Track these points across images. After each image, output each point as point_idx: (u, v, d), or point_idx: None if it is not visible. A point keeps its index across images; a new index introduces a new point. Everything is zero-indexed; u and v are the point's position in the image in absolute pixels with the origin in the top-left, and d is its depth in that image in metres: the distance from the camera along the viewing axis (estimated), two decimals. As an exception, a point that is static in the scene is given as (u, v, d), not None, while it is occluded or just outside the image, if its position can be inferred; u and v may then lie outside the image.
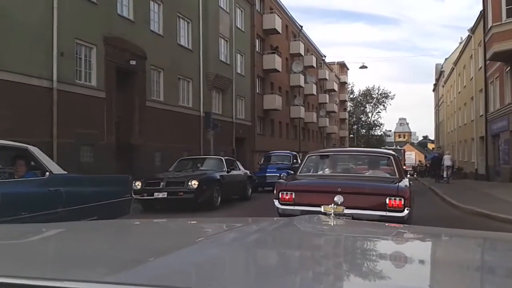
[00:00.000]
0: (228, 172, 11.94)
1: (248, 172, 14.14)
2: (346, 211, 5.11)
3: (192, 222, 2.31)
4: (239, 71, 29.63)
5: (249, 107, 31.48)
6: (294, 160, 18.37)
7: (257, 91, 33.32)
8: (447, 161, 25.11)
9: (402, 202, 5.53)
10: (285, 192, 6.09)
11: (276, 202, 6.13)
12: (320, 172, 7.17)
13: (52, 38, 14.49)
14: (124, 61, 17.62)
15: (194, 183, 10.19)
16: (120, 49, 17.40)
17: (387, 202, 5.57)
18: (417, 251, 1.48)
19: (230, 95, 27.98)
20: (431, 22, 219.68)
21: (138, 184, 10.42)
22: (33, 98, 13.50)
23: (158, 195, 10.16)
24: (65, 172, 5.72)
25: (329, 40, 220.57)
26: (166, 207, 10.33)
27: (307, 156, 7.54)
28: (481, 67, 27.74)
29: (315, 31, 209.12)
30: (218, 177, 11.30)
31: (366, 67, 35.92)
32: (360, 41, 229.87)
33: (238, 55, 29.51)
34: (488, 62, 25.00)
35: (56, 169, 5.54)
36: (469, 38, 31.47)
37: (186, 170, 11.87)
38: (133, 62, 17.68)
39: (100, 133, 16.40)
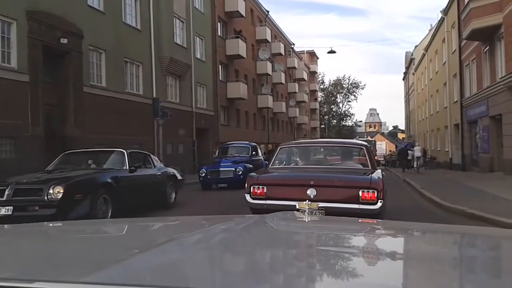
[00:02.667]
0: (131, 171, 8.47)
1: (171, 169, 10.60)
2: (319, 204, 5.24)
3: (168, 220, 2.40)
4: (198, 56, 27.23)
5: (211, 96, 29.16)
6: (253, 152, 16.05)
7: (220, 79, 30.99)
8: (417, 152, 26.27)
9: (375, 195, 5.41)
10: (256, 186, 5.86)
11: (248, 197, 5.92)
12: (292, 164, 7.00)
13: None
14: (54, 39, 15.07)
15: (58, 191, 6.67)
16: (47, 25, 14.83)
17: (360, 194, 5.44)
18: (393, 247, 1.49)
19: (189, 82, 25.60)
20: (399, 13, 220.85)
21: None
22: None
23: (0, 210, 6.59)
24: None
25: (299, 31, 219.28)
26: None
27: (279, 148, 7.28)
28: (455, 50, 26.23)
29: (285, 22, 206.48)
30: (108, 179, 7.75)
31: (334, 52, 34.06)
32: (330, 33, 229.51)
33: (197, 38, 27.10)
34: (463, 43, 23.47)
35: None
36: (441, 20, 29.93)
37: (61, 170, 8.20)
38: (64, 41, 15.14)
39: (24, 123, 13.87)
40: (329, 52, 33.85)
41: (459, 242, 1.59)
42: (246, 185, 6.05)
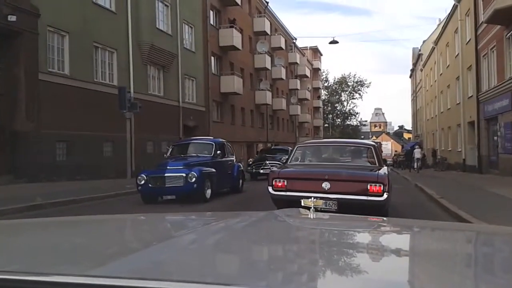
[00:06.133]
0: None
1: None
2: (332, 195, 6.13)
3: (175, 216, 2.39)
4: (187, 46, 24.82)
5: (201, 90, 26.73)
6: (218, 152, 11.77)
7: (213, 71, 28.55)
8: (417, 154, 27.77)
9: (382, 188, 6.10)
10: (278, 180, 6.61)
11: (270, 189, 6.66)
12: (308, 161, 7.65)
13: None
14: (0, 17, 12.71)
15: None
16: (-9, -2, 12.49)
17: (368, 188, 6.12)
18: (397, 244, 1.46)
19: (175, 73, 23.18)
20: (404, 13, 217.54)
21: None
22: None
23: None
24: None
25: (303, 31, 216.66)
26: None
27: (296, 147, 8.20)
28: (469, 40, 23.68)
29: (288, 21, 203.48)
30: None
31: (337, 42, 31.53)
32: (334, 33, 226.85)
33: (186, 26, 24.68)
34: (480, 31, 20.94)
35: None
36: (454, 8, 27.37)
37: None
38: (12, 18, 12.80)
39: (-42, 115, 11.56)
40: (331, 43, 31.31)
41: (466, 240, 1.56)
42: (268, 178, 6.85)
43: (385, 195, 6.06)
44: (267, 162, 19.34)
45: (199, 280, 0.84)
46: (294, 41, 51.14)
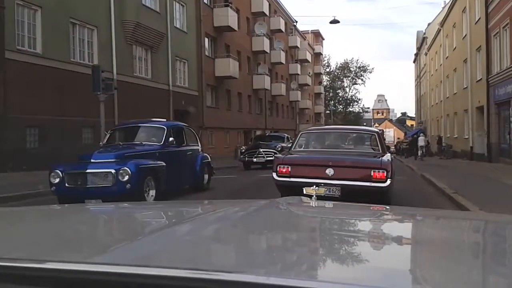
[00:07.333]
0: None
1: None
2: (336, 181, 6.22)
3: (177, 204, 2.58)
4: (178, 25, 23.35)
5: (194, 73, 25.33)
6: (171, 138, 9.07)
7: (206, 54, 27.11)
8: (421, 142, 27.83)
9: (385, 174, 6.16)
10: (282, 166, 6.64)
11: (274, 175, 6.69)
12: (312, 148, 7.70)
13: None
14: (-43, -15, 11.34)
15: None
16: None
17: (372, 174, 6.18)
18: (398, 232, 1.45)
19: (165, 55, 21.79)
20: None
21: None
22: None
23: None
24: None
25: (305, 14, 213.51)
26: None
27: (300, 134, 8.50)
28: (479, 19, 22.18)
29: (290, 5, 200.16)
30: None
31: (338, 22, 29.97)
32: (336, 17, 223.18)
33: (176, 4, 23.21)
34: (491, 8, 19.43)
35: None
36: (463, -14, 25.80)
37: None
38: (-30, -12, 11.40)
39: None
40: (331, 22, 29.74)
41: (471, 228, 1.54)
42: (273, 165, 7.01)
43: (388, 181, 6.14)
44: (261, 150, 17.98)
45: (200, 267, 0.83)
46: (295, 24, 49.47)
